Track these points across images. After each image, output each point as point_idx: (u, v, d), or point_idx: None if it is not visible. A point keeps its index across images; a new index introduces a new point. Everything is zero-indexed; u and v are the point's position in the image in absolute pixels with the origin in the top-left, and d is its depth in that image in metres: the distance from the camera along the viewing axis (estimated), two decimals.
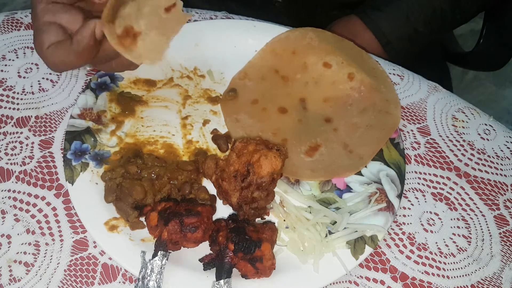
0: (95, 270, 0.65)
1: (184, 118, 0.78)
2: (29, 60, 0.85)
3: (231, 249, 0.60)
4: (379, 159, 0.74)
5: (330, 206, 0.70)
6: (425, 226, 0.72)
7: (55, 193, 0.71)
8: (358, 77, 0.81)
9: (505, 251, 0.71)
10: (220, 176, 0.66)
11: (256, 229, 0.63)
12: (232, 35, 0.86)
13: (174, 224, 0.61)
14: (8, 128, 0.77)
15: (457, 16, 0.99)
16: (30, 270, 0.64)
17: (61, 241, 0.67)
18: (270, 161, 0.64)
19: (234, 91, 0.81)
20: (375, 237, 0.66)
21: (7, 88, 0.81)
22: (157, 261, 0.60)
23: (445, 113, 0.84)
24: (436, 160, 0.79)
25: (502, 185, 0.77)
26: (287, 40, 0.85)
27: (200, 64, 0.84)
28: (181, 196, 0.70)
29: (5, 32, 0.88)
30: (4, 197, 0.70)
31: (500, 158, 0.80)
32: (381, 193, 0.71)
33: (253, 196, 0.64)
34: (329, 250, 0.65)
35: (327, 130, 0.78)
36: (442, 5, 0.96)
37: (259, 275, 0.62)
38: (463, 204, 0.75)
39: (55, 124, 0.77)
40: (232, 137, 0.76)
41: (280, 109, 0.80)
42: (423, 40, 0.99)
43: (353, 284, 0.66)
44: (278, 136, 0.76)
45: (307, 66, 0.83)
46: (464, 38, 1.32)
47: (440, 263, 0.69)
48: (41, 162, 0.73)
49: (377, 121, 0.78)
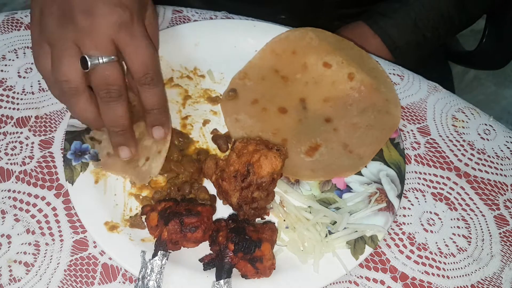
0: (95, 270, 0.65)
1: (184, 118, 0.78)
2: (29, 60, 0.85)
3: (231, 249, 0.60)
4: (379, 159, 0.74)
5: (330, 206, 0.70)
6: (425, 226, 0.72)
7: (55, 193, 0.71)
8: (358, 77, 0.81)
9: (505, 251, 0.71)
10: (220, 176, 0.66)
11: (256, 229, 0.63)
12: (232, 35, 0.86)
13: (174, 224, 0.61)
14: (8, 128, 0.77)
15: (463, 19, 1.00)
16: (30, 270, 0.64)
17: (61, 241, 0.67)
18: (270, 161, 0.64)
19: (234, 91, 0.81)
20: (375, 237, 0.66)
21: (7, 88, 0.81)
22: (157, 261, 0.60)
23: (445, 113, 0.84)
24: (436, 160, 0.79)
25: (502, 185, 0.77)
26: (287, 40, 0.85)
27: (200, 64, 0.84)
28: (181, 196, 0.70)
29: (5, 32, 0.88)
30: (4, 197, 0.70)
31: (500, 158, 0.80)
32: (381, 193, 0.71)
33: (253, 196, 0.64)
34: (329, 250, 0.65)
35: (327, 130, 0.78)
36: (449, 10, 0.96)
37: (259, 275, 0.62)
38: (463, 204, 0.75)
39: (55, 124, 0.77)
40: (232, 137, 0.76)
41: (280, 109, 0.80)
42: (431, 45, 1.00)
43: (353, 284, 0.66)
44: (278, 136, 0.76)
45: (307, 66, 0.83)
46: (465, 38, 1.32)
47: (440, 263, 0.69)
48: (41, 162, 0.73)
49: (377, 121, 0.78)
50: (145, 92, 0.67)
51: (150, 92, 0.67)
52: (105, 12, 0.62)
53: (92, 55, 0.61)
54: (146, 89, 0.66)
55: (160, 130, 0.70)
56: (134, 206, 0.69)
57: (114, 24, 0.62)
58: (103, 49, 0.62)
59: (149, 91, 0.67)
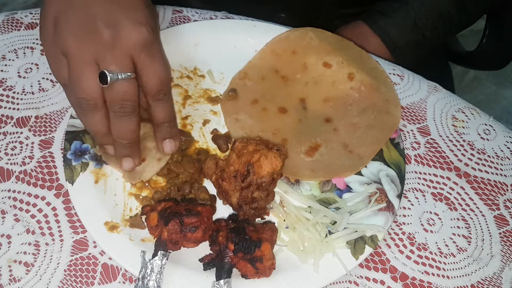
0: (95, 270, 0.65)
1: (184, 118, 0.78)
2: (29, 60, 0.85)
3: (231, 249, 0.60)
4: (379, 159, 0.74)
5: (330, 206, 0.70)
6: (425, 226, 0.72)
7: (55, 193, 0.71)
8: (358, 77, 0.81)
9: (505, 251, 0.71)
10: (220, 176, 0.66)
11: (256, 229, 0.63)
12: (232, 35, 0.86)
13: (174, 224, 0.61)
14: (8, 128, 0.76)
15: (463, 19, 1.00)
16: (30, 270, 0.64)
17: (61, 241, 0.67)
18: (270, 161, 0.64)
19: (234, 91, 0.81)
20: (375, 237, 0.66)
21: (7, 88, 0.81)
22: (157, 261, 0.60)
23: (445, 113, 0.84)
24: (436, 160, 0.79)
25: (502, 185, 0.77)
26: (287, 40, 0.85)
27: (200, 64, 0.84)
28: (181, 196, 0.70)
29: (5, 32, 0.88)
30: (4, 197, 0.70)
31: (500, 158, 0.80)
32: (381, 193, 0.71)
33: (253, 196, 0.64)
34: (329, 250, 0.65)
35: (327, 130, 0.78)
36: (449, 9, 0.96)
37: (259, 275, 0.62)
38: (463, 204, 0.75)
39: (55, 124, 0.77)
40: (232, 137, 0.76)
41: (280, 109, 0.80)
42: (430, 44, 1.00)
43: (353, 284, 0.66)
44: (278, 136, 0.76)
45: (307, 66, 0.83)
46: (465, 38, 1.32)
47: (440, 263, 0.69)
48: (41, 162, 0.73)
49: (377, 121, 0.78)
50: (157, 107, 0.67)
51: (162, 106, 0.67)
52: (131, 30, 0.62)
53: (111, 70, 0.61)
54: (159, 104, 0.67)
55: (172, 143, 0.70)
56: (134, 206, 0.69)
57: (137, 43, 0.62)
58: (123, 66, 0.61)
59: (162, 106, 0.67)
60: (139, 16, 0.64)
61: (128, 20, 0.62)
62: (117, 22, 0.62)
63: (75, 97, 0.63)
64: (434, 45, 1.02)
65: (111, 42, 0.61)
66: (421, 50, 1.00)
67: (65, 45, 0.61)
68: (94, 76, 0.61)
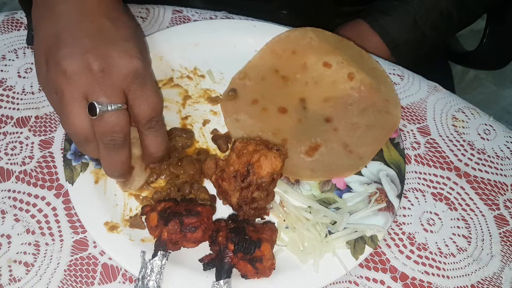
0: (95, 270, 0.65)
1: (184, 118, 0.78)
2: (29, 60, 0.85)
3: (231, 249, 0.60)
4: (379, 159, 0.74)
5: (330, 206, 0.70)
6: (425, 226, 0.72)
7: (55, 193, 0.71)
8: (358, 77, 0.81)
9: (505, 251, 0.71)
10: (220, 176, 0.66)
11: (256, 229, 0.63)
12: (232, 35, 0.86)
13: (174, 224, 0.61)
14: (8, 128, 0.77)
15: (463, 18, 1.00)
16: (30, 270, 0.64)
17: (61, 241, 0.67)
18: (270, 161, 0.64)
19: (234, 91, 0.81)
20: (375, 237, 0.66)
21: (7, 88, 0.81)
22: (157, 261, 0.60)
23: (445, 113, 0.84)
24: (436, 160, 0.79)
25: (502, 185, 0.77)
26: (287, 40, 0.85)
27: (200, 64, 0.84)
28: (181, 196, 0.70)
29: (5, 32, 0.88)
30: (4, 197, 0.70)
31: (500, 158, 0.80)
32: (381, 193, 0.71)
33: (253, 196, 0.64)
34: (329, 250, 0.65)
35: (327, 130, 0.78)
36: (449, 8, 0.96)
37: (259, 275, 0.62)
38: (463, 204, 0.75)
39: (55, 124, 0.77)
40: (232, 137, 0.76)
41: (280, 109, 0.80)
42: (430, 43, 1.00)
43: (353, 284, 0.66)
44: (278, 136, 0.76)
45: (307, 66, 0.83)
46: (465, 38, 1.32)
47: (440, 263, 0.69)
48: (41, 162, 0.73)
49: (377, 121, 0.78)
50: (150, 135, 0.65)
51: (155, 134, 0.66)
52: (121, 62, 0.60)
53: (101, 102, 0.59)
54: (151, 132, 0.65)
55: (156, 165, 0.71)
56: (134, 206, 0.69)
57: (128, 74, 0.61)
58: (112, 97, 0.60)
59: (154, 134, 0.65)
60: (129, 48, 0.62)
61: (118, 53, 0.61)
62: (107, 55, 0.60)
63: (66, 131, 0.63)
64: (434, 43, 1.02)
65: (100, 75, 0.60)
66: (421, 49, 0.99)
67: (55, 85, 0.60)
68: (83, 111, 0.59)
